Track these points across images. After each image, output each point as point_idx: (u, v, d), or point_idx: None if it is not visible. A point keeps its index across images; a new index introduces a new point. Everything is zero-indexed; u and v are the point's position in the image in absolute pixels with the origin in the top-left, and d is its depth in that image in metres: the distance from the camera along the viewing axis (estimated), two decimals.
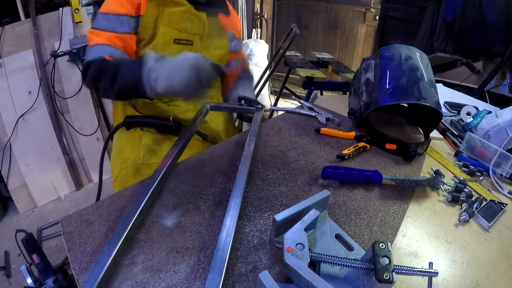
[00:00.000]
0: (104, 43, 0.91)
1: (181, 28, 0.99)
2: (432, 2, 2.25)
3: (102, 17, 0.93)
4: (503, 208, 0.70)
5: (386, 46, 0.94)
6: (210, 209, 0.64)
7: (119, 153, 1.02)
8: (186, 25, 1.00)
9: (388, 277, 0.42)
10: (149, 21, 0.95)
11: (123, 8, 0.92)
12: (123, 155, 1.00)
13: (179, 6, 0.98)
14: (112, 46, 0.91)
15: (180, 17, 0.98)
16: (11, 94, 1.87)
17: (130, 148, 1.00)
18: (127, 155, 0.98)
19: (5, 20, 1.85)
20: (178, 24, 0.98)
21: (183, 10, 0.98)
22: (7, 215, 2.01)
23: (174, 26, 0.98)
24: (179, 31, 0.99)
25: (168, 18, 0.97)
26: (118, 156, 1.02)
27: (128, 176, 0.95)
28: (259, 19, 3.47)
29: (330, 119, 1.01)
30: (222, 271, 0.46)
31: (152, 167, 0.93)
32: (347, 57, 3.38)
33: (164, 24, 0.96)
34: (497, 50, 1.96)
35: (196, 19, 1.01)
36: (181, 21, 0.99)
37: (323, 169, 0.72)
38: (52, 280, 1.16)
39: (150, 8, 0.95)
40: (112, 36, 0.91)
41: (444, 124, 1.07)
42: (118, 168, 0.98)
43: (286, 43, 2.15)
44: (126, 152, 0.99)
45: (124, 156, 0.99)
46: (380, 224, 0.63)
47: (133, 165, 0.96)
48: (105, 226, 0.58)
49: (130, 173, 0.95)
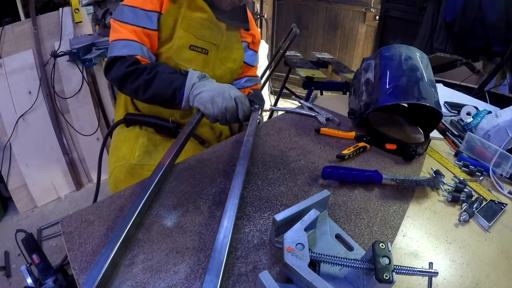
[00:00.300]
0: (132, 38, 0.89)
1: (198, 35, 0.98)
2: (432, 2, 2.25)
3: (128, 9, 0.91)
4: (503, 208, 0.70)
5: (386, 46, 0.94)
6: (210, 209, 0.64)
7: (115, 150, 1.02)
8: (204, 33, 0.99)
9: (388, 277, 0.42)
10: (169, 21, 0.94)
11: (153, 4, 0.91)
12: (118, 153, 0.99)
13: (201, 12, 0.97)
14: (140, 43, 0.91)
15: (200, 23, 0.97)
16: (11, 94, 1.87)
17: (126, 147, 0.99)
18: (122, 153, 0.98)
19: (5, 20, 1.85)
20: (197, 30, 0.97)
21: (204, 18, 0.97)
22: (7, 215, 2.01)
23: (192, 32, 0.97)
24: (196, 37, 0.98)
25: (188, 23, 0.96)
26: (113, 153, 1.02)
27: (120, 175, 0.95)
28: (259, 19, 3.47)
29: (330, 119, 1.01)
30: (219, 272, 0.46)
31: (145, 169, 0.93)
32: (347, 57, 3.38)
33: (183, 27, 0.95)
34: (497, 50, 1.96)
35: (215, 29, 1.00)
36: (200, 28, 0.97)
37: (323, 169, 0.72)
38: (52, 280, 1.16)
39: (172, 8, 0.94)
40: (139, 31, 0.90)
41: (444, 124, 1.07)
42: (113, 166, 0.98)
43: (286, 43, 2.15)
44: (122, 150, 0.99)
45: (119, 154, 0.99)
46: (380, 224, 0.63)
47: (126, 164, 0.95)
48: (105, 226, 0.58)
49: (122, 172, 0.95)
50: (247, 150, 0.75)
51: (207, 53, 1.01)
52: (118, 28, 0.91)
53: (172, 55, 0.97)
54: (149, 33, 0.92)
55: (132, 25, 0.90)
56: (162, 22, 0.94)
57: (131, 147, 0.98)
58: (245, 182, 0.67)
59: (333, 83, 1.89)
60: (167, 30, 0.95)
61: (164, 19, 0.94)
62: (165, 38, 0.96)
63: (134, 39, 0.90)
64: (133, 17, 0.90)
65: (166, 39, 0.96)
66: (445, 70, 1.89)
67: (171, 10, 0.94)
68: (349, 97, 1.08)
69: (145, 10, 0.91)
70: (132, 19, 0.90)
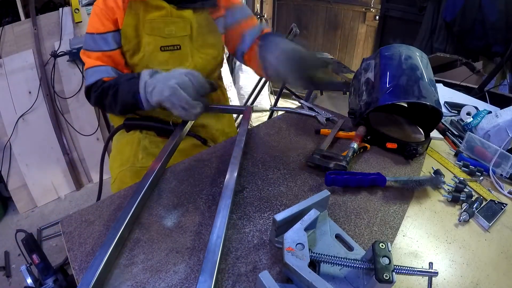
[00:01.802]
0: (95, 64, 0.93)
1: (165, 34, 0.95)
2: (432, 2, 2.25)
3: (89, 37, 0.94)
4: (503, 208, 0.70)
5: (385, 46, 0.94)
6: (210, 209, 0.64)
7: (118, 154, 1.02)
8: (170, 30, 0.95)
9: (388, 277, 0.42)
10: (129, 31, 0.93)
11: (104, 26, 0.92)
12: (122, 157, 0.99)
13: (159, 10, 0.93)
14: (104, 65, 0.93)
15: (162, 22, 0.94)
16: (11, 94, 1.87)
17: (129, 150, 0.99)
18: (126, 157, 0.98)
19: (5, 20, 1.85)
20: (161, 30, 0.94)
21: (163, 15, 0.93)
22: (7, 215, 2.01)
23: (157, 34, 0.94)
24: (163, 37, 0.95)
25: (150, 26, 0.93)
26: (117, 158, 1.02)
27: (126, 179, 0.95)
28: (259, 19, 3.47)
29: (330, 119, 1.01)
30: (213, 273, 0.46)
31: None
32: (347, 57, 3.38)
33: (147, 32, 0.94)
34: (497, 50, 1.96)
35: (180, 21, 0.96)
36: (163, 27, 0.94)
37: (326, 175, 0.70)
38: (52, 280, 1.16)
39: (128, 18, 0.92)
40: (100, 56, 0.93)
41: (444, 124, 1.07)
42: (117, 170, 0.98)
43: None
44: (125, 154, 0.99)
45: (123, 158, 0.99)
46: (380, 224, 0.63)
47: (131, 167, 0.95)
48: (105, 226, 0.58)
49: (128, 175, 0.95)
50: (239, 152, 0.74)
51: (180, 47, 0.98)
52: (85, 59, 0.95)
53: (148, 63, 0.96)
54: (109, 54, 0.93)
55: (93, 52, 0.93)
56: (124, 35, 0.93)
57: (134, 151, 0.98)
58: (237, 181, 0.67)
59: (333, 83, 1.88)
60: (132, 40, 0.94)
61: (124, 31, 0.93)
62: (133, 49, 0.95)
63: (98, 64, 0.93)
64: (94, 44, 0.93)
65: (134, 50, 0.95)
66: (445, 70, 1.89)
67: (128, 21, 0.92)
68: (349, 97, 1.08)
69: (100, 34, 0.92)
70: (92, 45, 0.93)
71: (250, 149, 0.84)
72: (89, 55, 0.94)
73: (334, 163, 0.76)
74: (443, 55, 1.90)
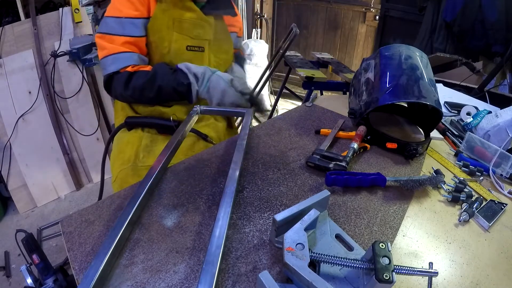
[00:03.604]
0: (119, 51, 0.89)
1: (193, 35, 0.99)
2: (432, 2, 2.25)
3: (113, 21, 0.90)
4: (503, 208, 0.70)
5: (385, 46, 0.94)
6: (210, 209, 0.64)
7: (119, 153, 1.03)
8: (198, 32, 0.99)
9: (388, 277, 0.42)
10: (158, 24, 0.94)
11: (138, 11, 0.90)
12: (123, 156, 1.00)
13: (190, 11, 0.97)
14: (129, 52, 0.91)
15: (192, 24, 0.98)
16: (11, 94, 1.88)
17: (130, 149, 1.00)
18: (127, 156, 0.98)
19: (5, 20, 1.85)
20: (191, 31, 0.98)
21: (194, 17, 0.98)
22: (7, 215, 2.01)
23: (186, 33, 0.97)
24: (191, 38, 0.98)
25: (180, 25, 0.96)
26: (118, 157, 1.02)
27: (127, 177, 0.95)
28: (259, 19, 3.47)
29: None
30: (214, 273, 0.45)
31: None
32: (347, 57, 3.38)
33: (177, 30, 0.96)
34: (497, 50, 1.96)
35: (206, 25, 1.01)
36: (193, 28, 0.98)
37: (326, 175, 0.70)
38: (52, 280, 1.16)
39: (159, 11, 0.93)
40: (128, 41, 0.90)
41: (444, 124, 1.07)
42: (118, 169, 0.98)
43: (286, 43, 2.14)
44: (126, 153, 0.99)
45: (124, 157, 0.99)
46: (380, 224, 0.63)
47: (132, 166, 0.96)
48: (105, 226, 0.58)
49: (129, 174, 0.95)
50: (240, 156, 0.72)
51: (203, 50, 1.02)
52: (104, 44, 0.91)
53: (172, 59, 0.97)
54: (138, 40, 0.92)
55: (119, 36, 0.90)
56: (150, 26, 0.93)
57: (135, 149, 0.99)
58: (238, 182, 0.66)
59: (333, 83, 1.88)
60: (158, 33, 0.95)
61: (152, 23, 0.93)
62: (155, 42, 0.95)
63: (122, 50, 0.90)
64: (120, 28, 0.90)
65: (158, 43, 0.96)
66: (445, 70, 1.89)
67: (158, 14, 0.93)
68: (349, 97, 1.08)
69: (130, 18, 0.90)
70: (119, 30, 0.90)
71: (250, 149, 0.84)
72: (112, 40, 0.90)
73: (334, 163, 0.76)
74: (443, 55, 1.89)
